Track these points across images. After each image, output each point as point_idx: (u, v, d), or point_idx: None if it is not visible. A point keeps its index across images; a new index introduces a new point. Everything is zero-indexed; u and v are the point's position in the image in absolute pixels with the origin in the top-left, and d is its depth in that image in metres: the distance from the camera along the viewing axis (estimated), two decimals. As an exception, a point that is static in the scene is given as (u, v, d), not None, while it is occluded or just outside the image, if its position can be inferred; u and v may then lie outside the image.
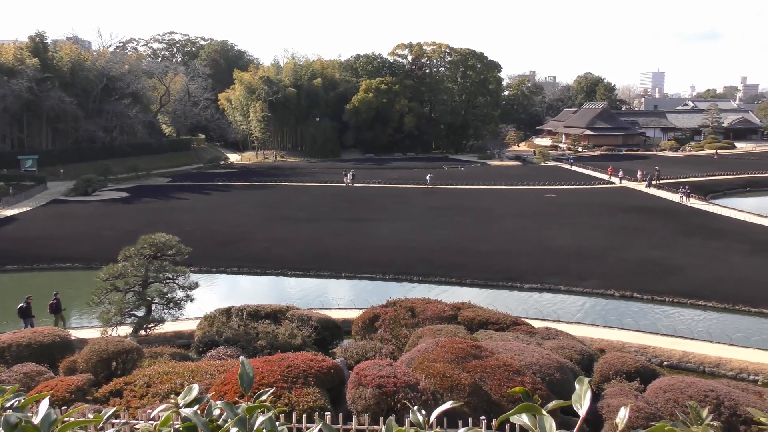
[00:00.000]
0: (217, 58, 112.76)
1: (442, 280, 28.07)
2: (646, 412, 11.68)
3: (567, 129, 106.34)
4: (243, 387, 1.97)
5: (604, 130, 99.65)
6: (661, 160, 79.35)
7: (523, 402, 1.82)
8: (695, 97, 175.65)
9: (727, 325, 22.66)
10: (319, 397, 10.63)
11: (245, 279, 29.81)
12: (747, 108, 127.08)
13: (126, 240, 24.45)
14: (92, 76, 72.50)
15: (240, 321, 18.55)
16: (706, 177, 61.58)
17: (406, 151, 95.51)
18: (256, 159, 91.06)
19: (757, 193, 57.74)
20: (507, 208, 46.37)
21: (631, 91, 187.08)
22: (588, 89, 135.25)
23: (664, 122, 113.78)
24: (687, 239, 35.15)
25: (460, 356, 12.48)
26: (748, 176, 63.33)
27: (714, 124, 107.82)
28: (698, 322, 23.02)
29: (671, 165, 71.39)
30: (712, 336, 21.34)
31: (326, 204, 48.75)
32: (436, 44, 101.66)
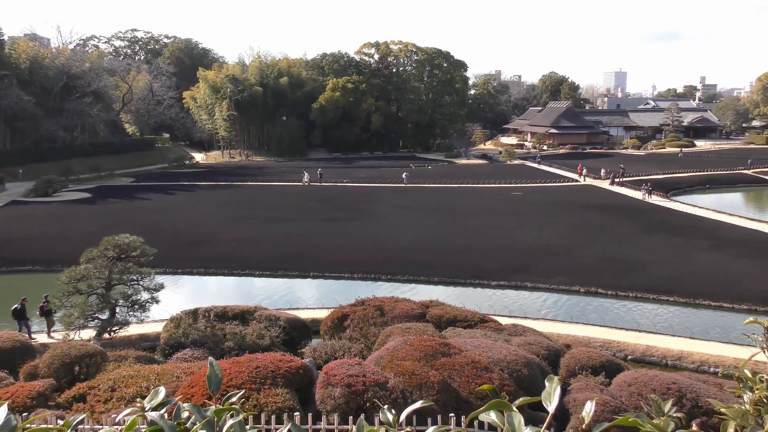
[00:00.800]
0: (181, 56, 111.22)
1: (410, 279, 28.16)
2: (612, 405, 11.88)
3: (532, 128, 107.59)
4: (211, 389, 1.94)
5: (569, 129, 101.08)
6: (624, 158, 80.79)
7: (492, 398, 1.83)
8: (656, 96, 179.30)
9: (688, 319, 23.20)
10: (288, 398, 10.57)
11: (212, 280, 29.48)
12: (706, 107, 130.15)
13: (89, 241, 23.97)
14: (52, 74, 70.81)
15: (207, 322, 18.33)
16: (667, 174, 62.93)
17: (374, 150, 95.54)
18: (222, 158, 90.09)
19: (716, 189, 59.20)
20: (474, 206, 46.71)
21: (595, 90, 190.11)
22: (552, 88, 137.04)
23: (627, 121, 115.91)
24: (649, 236, 35.86)
25: (428, 354, 12.53)
26: (708, 173, 64.91)
27: (674, 123, 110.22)
28: (661, 317, 23.50)
29: (634, 163, 72.75)
30: (674, 330, 21.82)
31: (294, 203, 48.48)
32: (402, 43, 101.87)
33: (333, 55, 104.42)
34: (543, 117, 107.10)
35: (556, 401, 1.74)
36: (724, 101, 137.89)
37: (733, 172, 66.20)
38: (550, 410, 1.73)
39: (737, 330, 21.36)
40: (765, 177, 64.21)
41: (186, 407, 1.86)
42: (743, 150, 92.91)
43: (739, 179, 63.39)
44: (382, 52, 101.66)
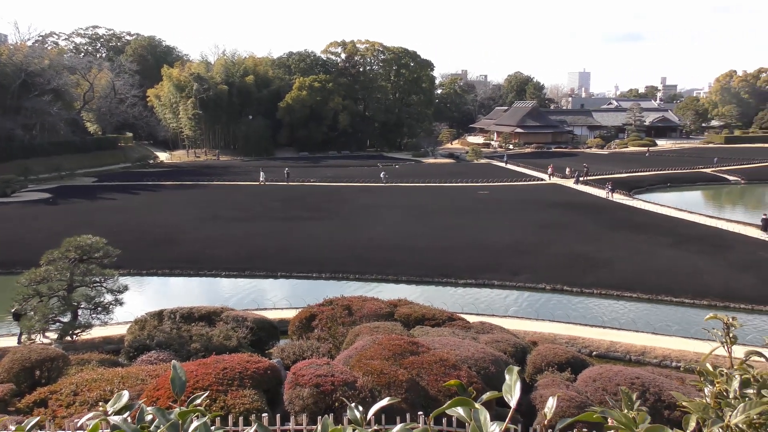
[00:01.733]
0: (144, 53, 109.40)
1: (378, 278, 28.18)
2: (577, 400, 12.06)
3: (498, 127, 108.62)
4: (175, 391, 1.90)
5: (534, 128, 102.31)
6: (588, 157, 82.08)
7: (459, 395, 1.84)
8: (619, 96, 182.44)
9: (650, 315, 23.68)
10: (256, 399, 10.48)
11: (178, 281, 29.08)
12: (666, 107, 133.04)
13: (50, 243, 23.42)
14: (9, 71, 68.95)
15: (172, 324, 18.07)
16: (630, 173, 64.13)
17: (341, 149, 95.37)
18: (188, 158, 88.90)
19: (677, 188, 60.55)
20: (441, 204, 46.95)
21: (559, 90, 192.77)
22: (518, 88, 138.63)
23: (591, 120, 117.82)
24: (613, 233, 36.49)
25: (397, 353, 12.55)
26: (669, 172, 66.35)
27: (637, 123, 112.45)
28: (624, 313, 23.94)
29: (598, 162, 73.96)
30: (638, 326, 22.26)
31: (261, 203, 48.12)
32: (369, 42, 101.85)
33: (299, 54, 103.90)
34: (509, 116, 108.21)
35: (517, 395, 1.75)
36: (684, 101, 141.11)
37: (693, 171, 67.79)
38: (512, 404, 1.74)
39: (698, 325, 21.88)
40: (723, 175, 65.89)
41: (149, 410, 1.83)
42: (703, 149, 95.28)
43: (699, 178, 64.95)
44: (349, 51, 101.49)
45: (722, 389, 2.00)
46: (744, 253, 31.68)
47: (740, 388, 1.97)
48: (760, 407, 1.76)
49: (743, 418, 1.77)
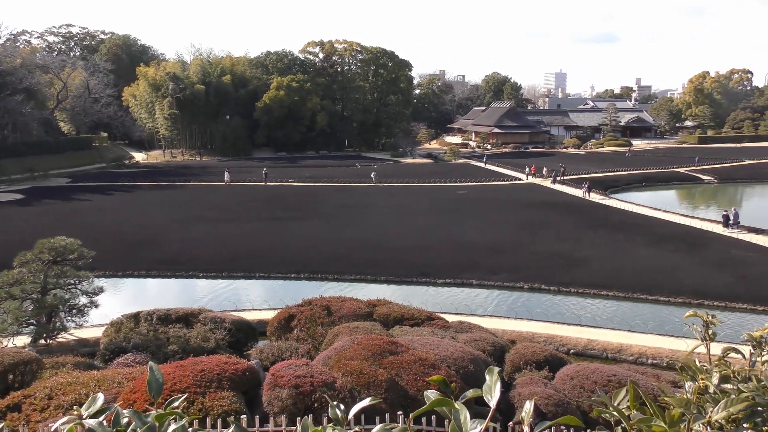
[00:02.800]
0: (119, 52, 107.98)
1: (357, 278, 28.14)
2: (555, 398, 12.15)
3: (476, 127, 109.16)
4: (152, 394, 1.87)
5: (512, 129, 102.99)
6: (565, 156, 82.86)
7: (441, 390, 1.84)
8: (595, 96, 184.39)
9: (627, 313, 23.95)
10: (235, 401, 10.40)
11: (155, 282, 28.76)
12: (641, 107, 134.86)
13: (23, 245, 23.03)
14: (-20, 70, 67.75)
15: (149, 326, 17.86)
16: (606, 173, 64.85)
17: (319, 149, 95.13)
18: (164, 158, 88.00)
19: (652, 187, 61.34)
20: (420, 204, 47.05)
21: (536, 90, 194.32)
22: (495, 88, 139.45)
23: (567, 121, 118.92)
24: (590, 232, 36.86)
25: (376, 353, 12.54)
26: (644, 172, 67.21)
27: (612, 123, 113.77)
28: (601, 311, 24.19)
29: (574, 162, 74.68)
30: (614, 324, 22.50)
31: (239, 203, 47.80)
32: (347, 42, 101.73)
33: (277, 54, 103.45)
34: (486, 117, 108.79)
35: (497, 395, 1.76)
36: (659, 102, 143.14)
37: (668, 170, 68.76)
38: (492, 404, 1.75)
39: (673, 323, 22.19)
40: (697, 175, 66.90)
41: (126, 413, 1.79)
42: (677, 149, 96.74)
43: (673, 177, 65.88)
44: (327, 51, 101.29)
45: (704, 385, 2.01)
46: (718, 251, 32.20)
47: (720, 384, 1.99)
48: (742, 403, 1.78)
49: (725, 414, 1.79)
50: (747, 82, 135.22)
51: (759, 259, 30.56)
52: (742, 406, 1.78)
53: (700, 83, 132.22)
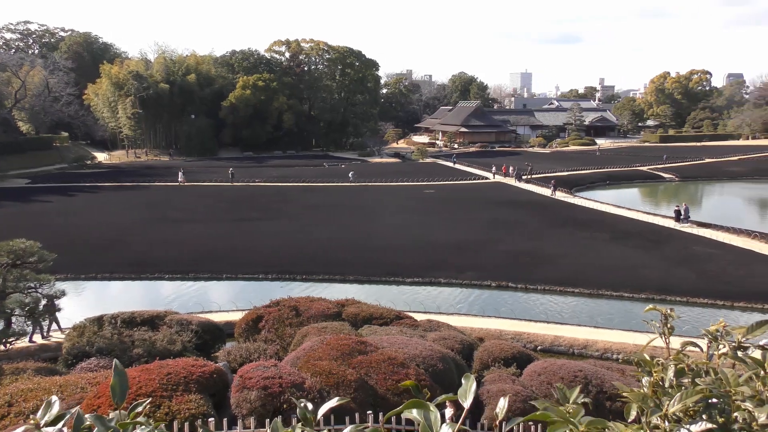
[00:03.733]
0: (80, 50, 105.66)
1: (325, 278, 28.05)
2: (523, 395, 12.29)
3: (443, 126, 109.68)
4: (116, 399, 1.83)
5: (478, 128, 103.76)
6: (531, 156, 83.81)
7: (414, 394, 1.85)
8: (560, 96, 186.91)
9: (592, 309, 24.33)
10: (202, 404, 10.28)
11: (118, 285, 28.23)
12: (605, 107, 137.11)
13: (-20, 248, 22.37)
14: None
15: (113, 329, 17.54)
16: (571, 171, 65.79)
17: (286, 148, 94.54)
18: (128, 158, 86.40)
19: (615, 185, 62.41)
20: (388, 204, 47.11)
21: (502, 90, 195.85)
22: (462, 88, 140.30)
23: (533, 120, 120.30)
24: (556, 230, 37.34)
25: (345, 353, 12.52)
26: (608, 170, 68.33)
27: (577, 122, 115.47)
28: (568, 308, 24.53)
29: (540, 160, 75.59)
30: (580, 320, 22.85)
31: (205, 204, 47.24)
32: (314, 41, 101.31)
33: (243, 53, 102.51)
34: (453, 116, 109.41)
35: (471, 399, 1.78)
36: (622, 102, 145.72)
37: (631, 169, 70.05)
38: (465, 406, 1.76)
39: (637, 318, 22.62)
40: (659, 173, 68.31)
41: (88, 418, 1.75)
42: (640, 148, 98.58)
43: (636, 175, 67.15)
44: (294, 50, 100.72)
45: (659, 379, 2.06)
46: (679, 247, 32.92)
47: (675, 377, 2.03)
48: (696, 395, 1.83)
49: (680, 406, 1.83)
50: (706, 83, 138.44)
51: (719, 255, 31.33)
52: (697, 398, 1.82)
53: (661, 83, 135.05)
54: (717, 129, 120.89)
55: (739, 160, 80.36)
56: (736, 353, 2.15)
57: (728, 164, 76.19)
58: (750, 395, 1.98)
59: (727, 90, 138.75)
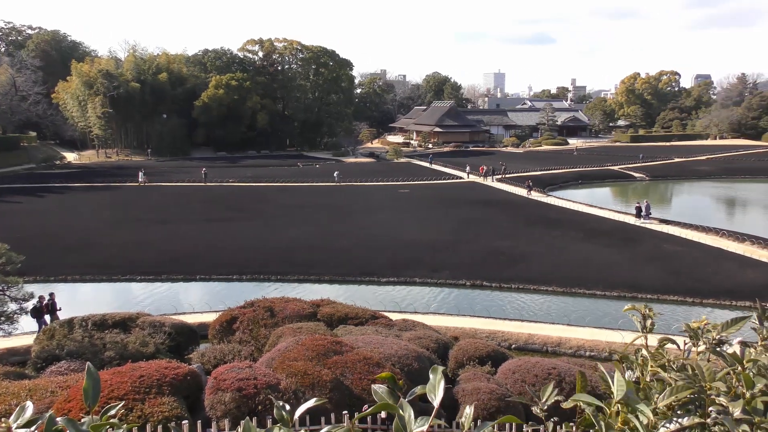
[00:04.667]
0: (47, 48, 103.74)
1: (300, 278, 27.93)
2: (498, 393, 12.35)
3: (418, 126, 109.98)
4: (88, 402, 1.79)
5: (453, 128, 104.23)
6: (504, 155, 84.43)
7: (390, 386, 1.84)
8: (533, 96, 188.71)
9: (565, 307, 24.59)
10: (175, 406, 10.15)
11: (90, 287, 27.78)
12: (577, 107, 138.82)
13: (-55, 250, 21.84)
14: None
15: (84, 332, 17.24)
16: (544, 171, 66.45)
17: (260, 148, 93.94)
18: (98, 158, 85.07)
19: (587, 184, 63.19)
20: (362, 203, 47.08)
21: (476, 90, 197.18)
22: (436, 88, 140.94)
23: (506, 120, 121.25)
24: (530, 229, 37.67)
25: (320, 353, 12.47)
26: (580, 170, 69.17)
27: (550, 122, 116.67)
28: (541, 306, 24.76)
29: (514, 160, 76.20)
30: (553, 318, 23.07)
31: (178, 204, 46.72)
32: (287, 41, 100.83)
33: (215, 52, 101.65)
34: (428, 116, 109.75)
35: (440, 394, 1.78)
36: (593, 102, 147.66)
37: (603, 168, 71.00)
38: (435, 403, 1.77)
39: (609, 316, 22.93)
40: (630, 172, 69.33)
41: (60, 422, 1.71)
42: (611, 147, 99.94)
43: (608, 175, 68.08)
44: (267, 49, 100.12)
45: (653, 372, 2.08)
46: (649, 245, 33.43)
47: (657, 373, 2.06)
48: (687, 391, 1.85)
49: (670, 401, 1.85)
50: (675, 83, 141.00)
51: (688, 252, 31.89)
52: (686, 394, 1.85)
53: (632, 84, 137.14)
54: (686, 129, 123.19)
55: (707, 159, 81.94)
56: (716, 350, 2.18)
57: (697, 163, 77.62)
58: (725, 390, 2.01)
59: (696, 91, 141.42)
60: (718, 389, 2.01)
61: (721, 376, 2.06)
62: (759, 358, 2.15)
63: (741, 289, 25.64)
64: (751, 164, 77.16)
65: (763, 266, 29.30)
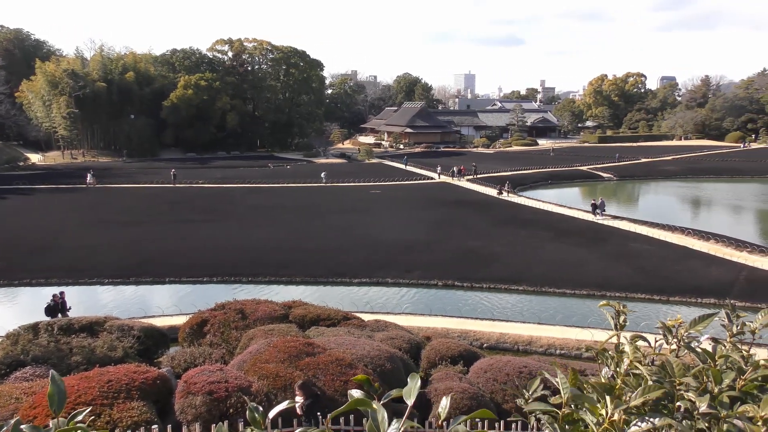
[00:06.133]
0: (10, 47, 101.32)
1: (272, 280, 27.74)
2: (470, 392, 12.41)
3: (389, 127, 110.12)
4: (53, 408, 1.74)
5: (424, 128, 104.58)
6: (475, 156, 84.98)
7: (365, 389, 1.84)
8: (502, 97, 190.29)
9: (536, 306, 24.85)
10: (145, 411, 10.00)
11: (55, 291, 27.18)
12: (546, 108, 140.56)
13: None
14: None
15: (50, 337, 16.87)
16: (514, 171, 67.05)
17: (231, 149, 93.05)
18: (63, 159, 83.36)
19: (557, 185, 63.94)
20: (334, 204, 46.96)
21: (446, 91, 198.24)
22: (407, 89, 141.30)
23: (477, 121, 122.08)
24: (501, 229, 37.97)
25: (292, 355, 12.39)
26: (550, 170, 69.97)
27: (519, 123, 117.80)
28: (512, 305, 24.98)
29: (485, 161, 76.73)
30: (524, 317, 23.29)
31: (147, 206, 46.04)
32: (257, 41, 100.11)
33: (184, 52, 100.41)
34: (399, 117, 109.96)
35: (414, 396, 1.80)
36: (562, 103, 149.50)
37: (572, 168, 71.91)
38: (409, 403, 1.78)
39: (579, 314, 23.22)
40: (598, 173, 70.33)
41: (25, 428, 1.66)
42: (580, 148, 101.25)
43: (577, 175, 68.97)
44: (237, 49, 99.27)
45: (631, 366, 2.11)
46: (617, 244, 33.95)
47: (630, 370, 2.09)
48: (659, 391, 1.88)
49: (642, 400, 1.87)
50: (641, 85, 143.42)
51: (655, 251, 32.46)
52: (659, 393, 1.87)
53: (599, 86, 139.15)
54: (652, 130, 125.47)
55: (673, 159, 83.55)
56: (690, 346, 2.22)
57: (663, 163, 79.09)
58: (694, 386, 2.04)
59: (661, 92, 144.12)
60: (687, 385, 2.04)
61: (695, 372, 2.09)
62: (730, 355, 2.19)
63: (706, 286, 26.21)
64: (715, 164, 78.87)
65: (727, 264, 29.98)
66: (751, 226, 44.57)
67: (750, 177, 70.38)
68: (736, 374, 2.12)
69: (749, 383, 2.12)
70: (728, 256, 31.41)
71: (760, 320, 2.29)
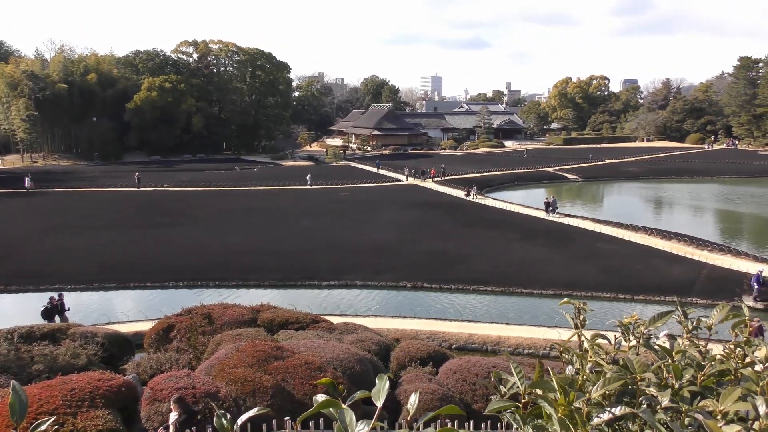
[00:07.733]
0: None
1: (239, 284, 27.49)
2: (440, 393, 12.48)
3: (356, 129, 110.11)
4: (15, 418, 1.70)
5: (391, 131, 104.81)
6: (442, 158, 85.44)
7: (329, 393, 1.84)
8: (469, 100, 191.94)
9: (504, 306, 25.09)
10: (110, 419, 9.83)
11: (15, 298, 26.52)
12: (512, 111, 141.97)
13: None
14: None
15: (10, 345, 16.44)
16: (481, 173, 67.61)
17: (196, 152, 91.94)
18: (23, 163, 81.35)
19: (523, 186, 64.66)
20: (302, 207, 46.75)
21: (414, 93, 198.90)
22: (374, 91, 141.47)
23: (444, 123, 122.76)
24: (469, 230, 38.23)
25: (261, 359, 12.31)
26: (516, 171, 70.76)
27: (486, 125, 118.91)
28: (481, 306, 25.17)
29: (452, 162, 77.19)
30: (492, 317, 23.50)
31: (110, 210, 45.21)
32: (222, 43, 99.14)
33: (147, 53, 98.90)
34: (366, 119, 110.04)
35: (383, 398, 1.82)
36: (528, 105, 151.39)
37: (538, 170, 72.80)
38: (378, 405, 1.79)
39: (546, 314, 23.50)
40: (564, 174, 71.32)
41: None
42: (546, 150, 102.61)
43: (543, 176, 69.84)
44: (202, 51, 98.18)
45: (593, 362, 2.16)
46: (583, 245, 34.48)
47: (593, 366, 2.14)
48: (618, 382, 1.93)
49: (602, 392, 1.93)
50: (604, 88, 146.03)
51: (620, 251, 33.05)
52: (618, 385, 1.93)
53: (564, 88, 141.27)
54: (615, 132, 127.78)
55: (635, 161, 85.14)
56: (648, 343, 2.28)
57: (626, 165, 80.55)
58: (655, 381, 2.10)
59: (624, 95, 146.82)
60: (648, 380, 2.09)
61: (654, 368, 2.15)
62: (687, 350, 2.26)
63: (668, 284, 26.77)
64: (676, 165, 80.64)
65: (689, 262, 30.67)
66: (711, 226, 45.68)
67: (710, 177, 72.14)
68: (695, 369, 2.18)
69: (708, 378, 2.18)
70: (690, 254, 32.14)
71: (716, 316, 2.36)
